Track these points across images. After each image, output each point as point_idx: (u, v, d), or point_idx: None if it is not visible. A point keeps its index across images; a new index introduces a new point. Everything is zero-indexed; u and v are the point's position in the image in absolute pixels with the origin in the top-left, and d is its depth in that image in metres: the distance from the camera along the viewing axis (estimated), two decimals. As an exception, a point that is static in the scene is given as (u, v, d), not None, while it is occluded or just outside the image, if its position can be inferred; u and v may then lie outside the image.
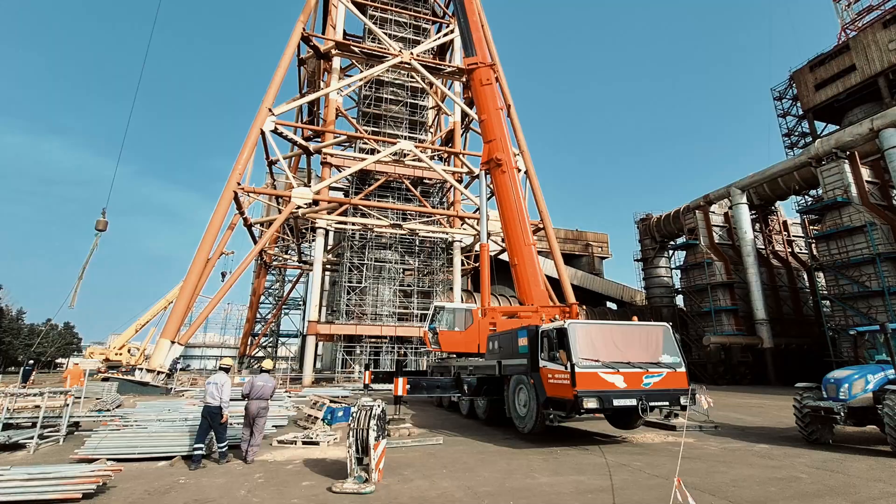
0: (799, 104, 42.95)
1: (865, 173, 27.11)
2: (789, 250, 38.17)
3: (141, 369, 19.63)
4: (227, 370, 7.81)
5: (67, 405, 9.40)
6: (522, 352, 9.90)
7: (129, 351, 30.58)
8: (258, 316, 40.51)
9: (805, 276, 36.42)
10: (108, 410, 12.43)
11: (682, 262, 37.25)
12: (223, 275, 30.61)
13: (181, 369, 33.96)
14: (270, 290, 43.06)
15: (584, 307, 39.04)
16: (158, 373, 19.63)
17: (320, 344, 30.83)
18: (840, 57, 38.58)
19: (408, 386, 10.93)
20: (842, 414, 8.24)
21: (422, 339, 23.74)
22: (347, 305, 26.41)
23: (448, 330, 14.91)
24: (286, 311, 45.23)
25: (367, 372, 15.92)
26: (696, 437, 10.01)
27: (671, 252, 43.16)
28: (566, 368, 8.35)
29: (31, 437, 8.34)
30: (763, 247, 36.13)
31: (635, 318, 10.79)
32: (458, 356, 14.78)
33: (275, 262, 39.37)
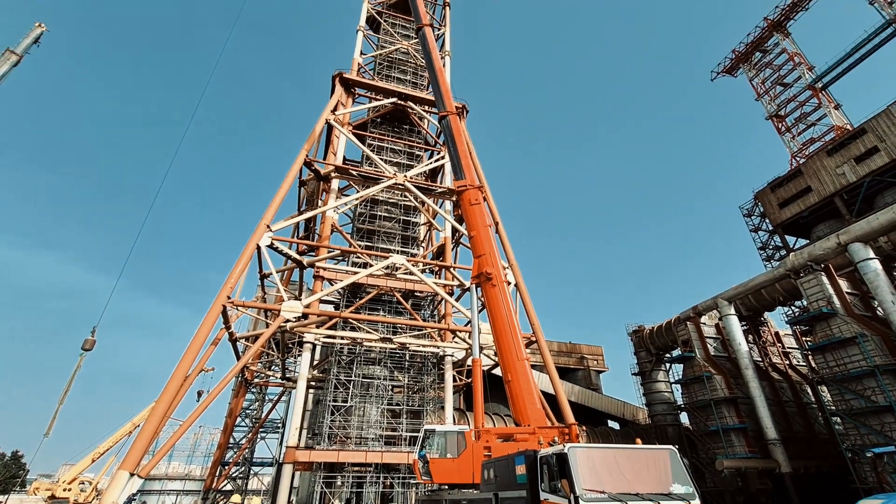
0: (768, 220, 46.03)
1: (844, 285, 27.92)
2: (787, 362, 37.46)
3: (89, 508, 17.20)
4: None
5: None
6: (521, 481, 8.95)
7: (80, 485, 27.16)
8: (231, 440, 37.15)
9: (809, 390, 35.22)
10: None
11: (680, 376, 36.10)
12: (199, 394, 28.75)
13: (136, 507, 30.08)
14: (248, 412, 40.16)
15: (584, 427, 36.65)
16: (109, 512, 17.15)
17: (297, 474, 27.90)
18: (796, 180, 42.47)
19: (393, 526, 9.58)
20: (885, 555, 7.26)
21: (410, 467, 21.60)
22: (331, 427, 24.45)
23: (440, 457, 13.63)
24: (263, 434, 41.71)
25: (347, 509, 14.13)
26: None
27: (668, 365, 42.09)
28: (570, 502, 7.48)
29: None
30: (760, 359, 35.50)
31: (638, 440, 10.06)
32: (451, 488, 13.30)
33: (256, 380, 37.39)
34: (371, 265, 28.10)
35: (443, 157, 33.63)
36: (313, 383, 30.33)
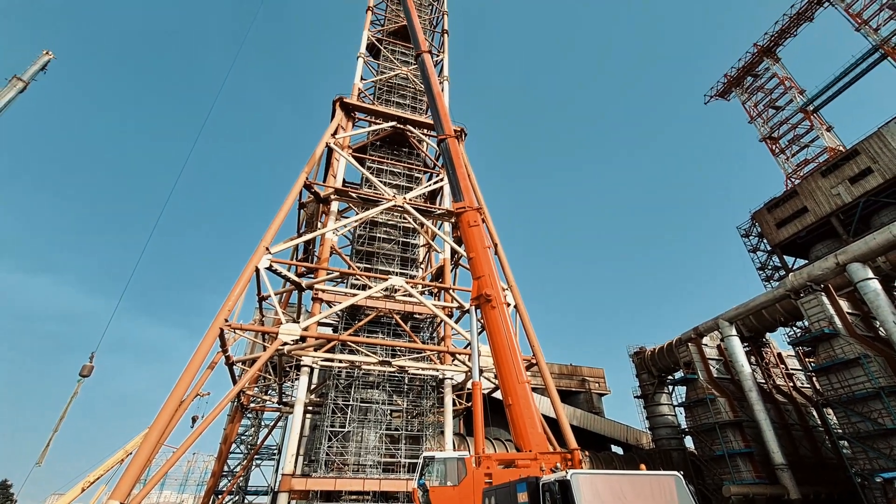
0: (766, 240, 46.19)
1: (845, 305, 27.81)
2: (791, 384, 36.99)
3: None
4: None
5: None
6: (523, 511, 8.69)
7: (69, 516, 26.38)
8: (226, 468, 36.23)
9: (814, 413, 34.66)
10: None
11: (683, 398, 35.57)
12: (193, 420, 28.18)
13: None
14: (243, 437, 39.32)
15: (587, 453, 35.89)
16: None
17: (293, 502, 27.23)
18: (792, 200, 42.81)
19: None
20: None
21: (409, 496, 21.04)
22: (328, 454, 23.91)
23: (440, 486, 13.28)
24: (258, 461, 40.74)
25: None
26: None
27: (671, 387, 41.53)
28: (574, 532, 7.25)
29: None
30: (763, 381, 35.07)
31: (643, 465, 9.83)
32: (451, 517, 12.90)
33: (252, 405, 36.75)
34: (370, 287, 28.01)
35: (441, 180, 33.94)
36: (310, 408, 29.83)
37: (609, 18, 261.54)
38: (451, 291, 30.61)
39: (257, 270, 24.94)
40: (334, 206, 31.66)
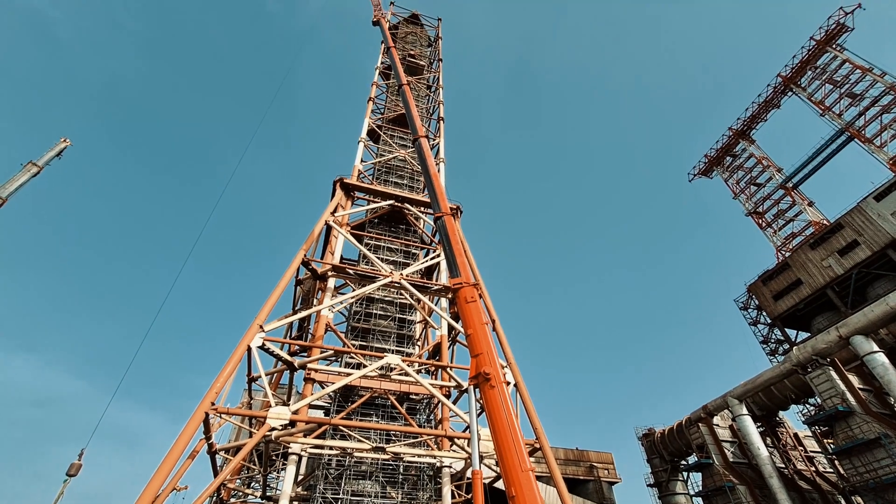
0: (765, 313, 45.90)
1: (855, 380, 26.95)
2: (813, 469, 34.64)
3: None
4: None
5: None
6: None
7: None
8: (199, 576, 32.24)
9: (843, 502, 32.06)
10: None
11: (700, 486, 33.04)
12: (168, 518, 25.59)
13: None
14: (222, 538, 35.43)
15: (601, 550, 32.51)
16: None
17: None
18: (785, 273, 43.25)
19: None
20: None
21: None
22: (313, 558, 21.46)
23: None
24: (236, 566, 36.41)
25: None
26: None
27: (686, 473, 38.78)
28: None
29: None
30: (783, 465, 32.86)
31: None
32: None
33: (233, 500, 33.70)
34: (365, 365, 27.09)
35: (438, 255, 34.34)
36: (296, 503, 27.37)
37: (600, 93, 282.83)
38: (448, 370, 29.59)
39: (249, 349, 24.20)
40: (331, 282, 31.63)
